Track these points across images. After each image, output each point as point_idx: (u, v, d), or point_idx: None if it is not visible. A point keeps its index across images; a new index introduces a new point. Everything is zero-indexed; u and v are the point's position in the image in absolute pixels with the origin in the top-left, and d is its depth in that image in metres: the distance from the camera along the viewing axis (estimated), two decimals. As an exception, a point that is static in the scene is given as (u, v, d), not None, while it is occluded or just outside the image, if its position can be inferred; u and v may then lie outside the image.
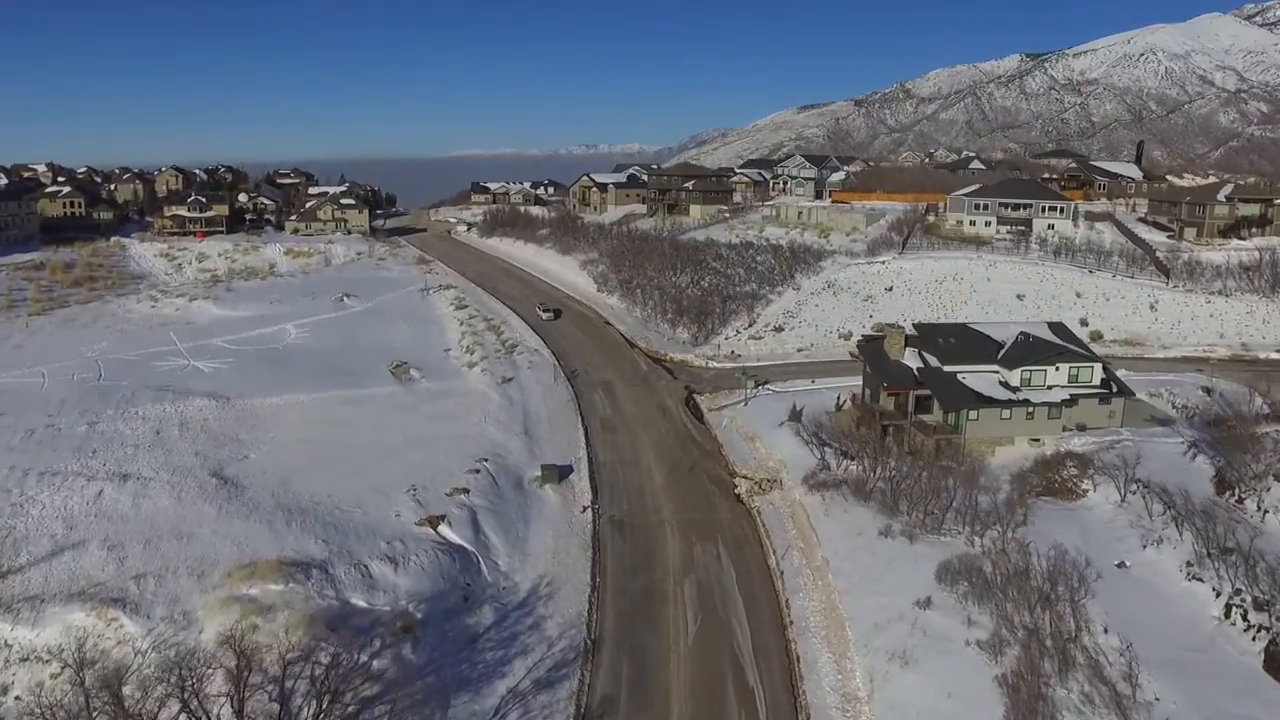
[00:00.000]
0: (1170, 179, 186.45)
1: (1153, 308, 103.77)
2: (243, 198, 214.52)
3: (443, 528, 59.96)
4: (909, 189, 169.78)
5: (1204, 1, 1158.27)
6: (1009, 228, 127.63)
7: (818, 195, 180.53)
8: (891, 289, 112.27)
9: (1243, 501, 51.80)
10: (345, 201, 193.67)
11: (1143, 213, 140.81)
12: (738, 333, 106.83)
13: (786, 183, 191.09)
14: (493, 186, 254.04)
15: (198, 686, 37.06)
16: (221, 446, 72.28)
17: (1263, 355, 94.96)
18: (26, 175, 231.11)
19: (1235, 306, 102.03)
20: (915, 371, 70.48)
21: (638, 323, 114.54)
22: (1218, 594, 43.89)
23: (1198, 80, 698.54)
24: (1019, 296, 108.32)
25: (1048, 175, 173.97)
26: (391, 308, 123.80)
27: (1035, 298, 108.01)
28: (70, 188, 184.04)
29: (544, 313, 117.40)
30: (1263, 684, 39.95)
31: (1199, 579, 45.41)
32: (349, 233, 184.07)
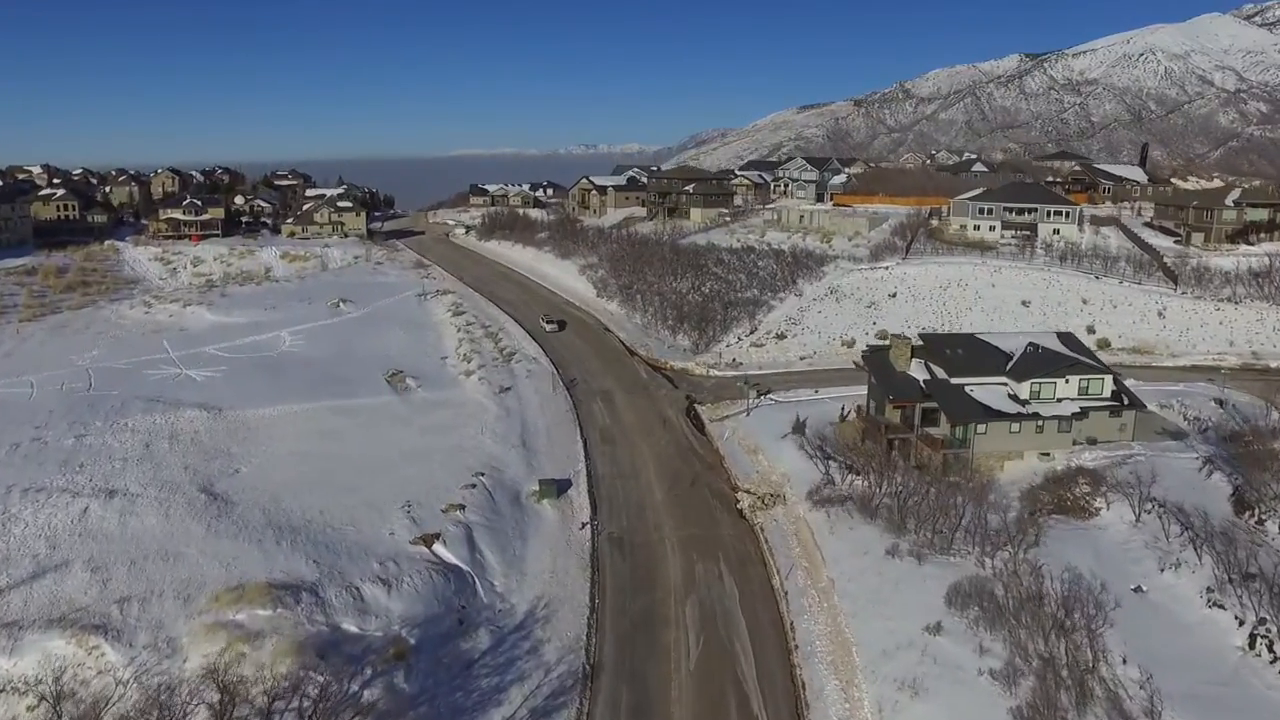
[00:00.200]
0: (1175, 181, 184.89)
1: (1161, 315, 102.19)
2: (239, 200, 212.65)
3: (437, 546, 58.39)
4: (911, 192, 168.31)
5: (1203, 1, 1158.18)
6: (1014, 232, 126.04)
7: (819, 198, 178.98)
8: (895, 295, 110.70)
9: (1263, 523, 50.24)
10: (342, 204, 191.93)
11: (1148, 217, 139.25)
12: (739, 340, 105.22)
13: (787, 185, 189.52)
14: (491, 188, 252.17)
15: (178, 725, 35.50)
16: (212, 460, 70.67)
17: (1274, 364, 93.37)
18: (21, 177, 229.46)
19: (1245, 314, 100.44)
20: (922, 384, 68.92)
21: (638, 329, 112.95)
22: (1241, 623, 42.27)
23: (1197, 80, 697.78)
24: (1024, 303, 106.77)
25: (1051, 178, 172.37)
26: (388, 314, 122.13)
27: (1041, 304, 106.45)
28: (64, 190, 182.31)
29: (548, 324, 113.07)
30: (1290, 719, 38.38)
31: (1220, 606, 43.81)
32: (346, 236, 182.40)
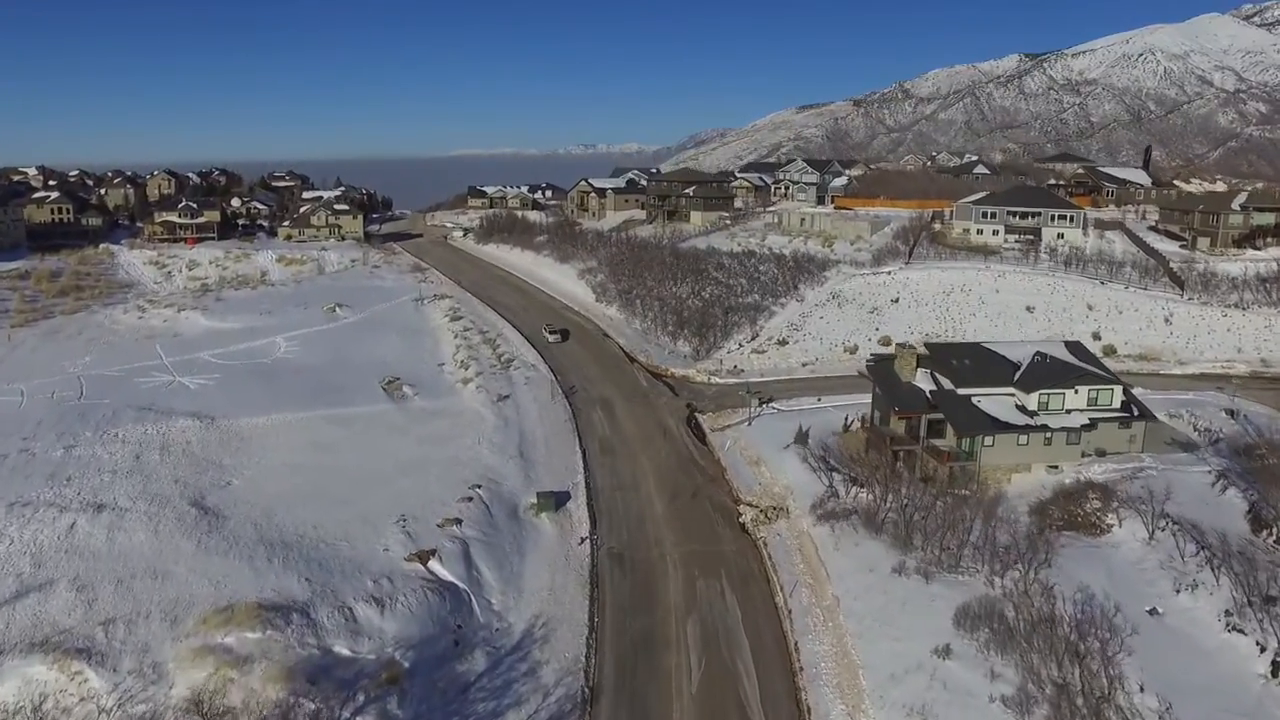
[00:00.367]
0: (1178, 184, 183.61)
1: (1167, 321, 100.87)
2: (236, 202, 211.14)
3: (433, 563, 56.98)
4: (913, 194, 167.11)
5: (1202, 2, 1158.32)
6: (1017, 237, 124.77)
7: (820, 201, 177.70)
8: (898, 300, 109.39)
9: (1281, 542, 48.95)
10: (339, 207, 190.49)
11: (1153, 221, 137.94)
12: (740, 346, 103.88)
13: (788, 188, 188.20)
14: (490, 190, 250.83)
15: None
16: (203, 472, 69.29)
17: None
18: (16, 179, 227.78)
19: (1253, 320, 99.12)
20: (928, 394, 67.53)
21: (637, 335, 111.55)
22: (1262, 649, 40.95)
23: (1196, 80, 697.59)
24: (1029, 309, 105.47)
25: (1054, 181, 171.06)
26: (384, 319, 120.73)
27: (1046, 310, 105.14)
28: (59, 193, 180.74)
29: (550, 334, 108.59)
30: (1315, 750, 37.12)
31: (1240, 630, 42.48)
32: (343, 239, 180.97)
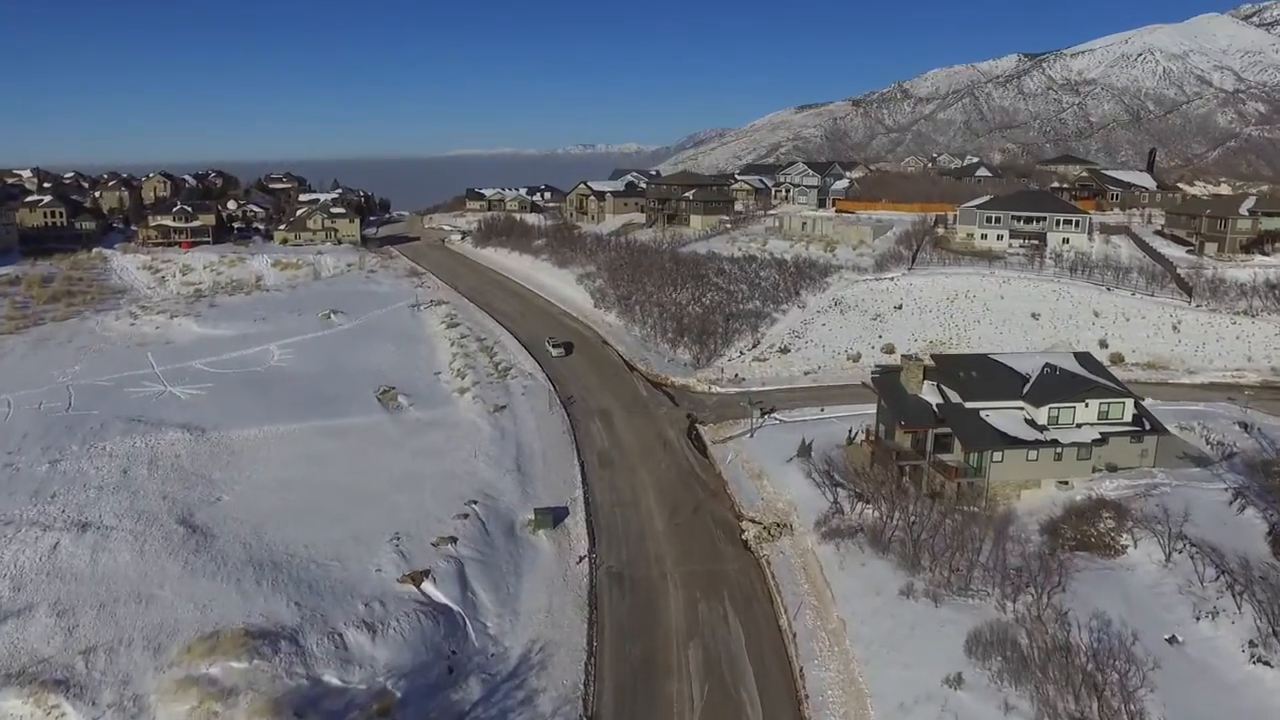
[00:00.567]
0: (1181, 186, 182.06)
1: (1175, 328, 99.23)
2: (231, 205, 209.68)
3: (427, 585, 55.32)
4: (915, 197, 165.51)
5: (1201, 1, 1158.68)
6: (1022, 241, 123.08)
7: (821, 204, 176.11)
8: (901, 307, 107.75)
9: (1305, 567, 47.28)
10: (336, 210, 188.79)
11: (1159, 225, 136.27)
12: (741, 354, 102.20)
13: (789, 191, 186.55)
14: (488, 193, 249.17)
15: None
16: (192, 488, 67.62)
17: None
18: (11, 181, 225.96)
19: (1263, 328, 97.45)
20: (935, 408, 65.84)
21: (637, 342, 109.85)
22: (1288, 682, 39.36)
23: (1195, 80, 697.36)
24: (1034, 315, 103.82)
25: (1057, 184, 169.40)
26: (380, 326, 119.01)
27: (1051, 317, 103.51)
28: (51, 197, 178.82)
29: (554, 348, 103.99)
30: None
31: (1265, 662, 40.88)
32: (339, 242, 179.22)
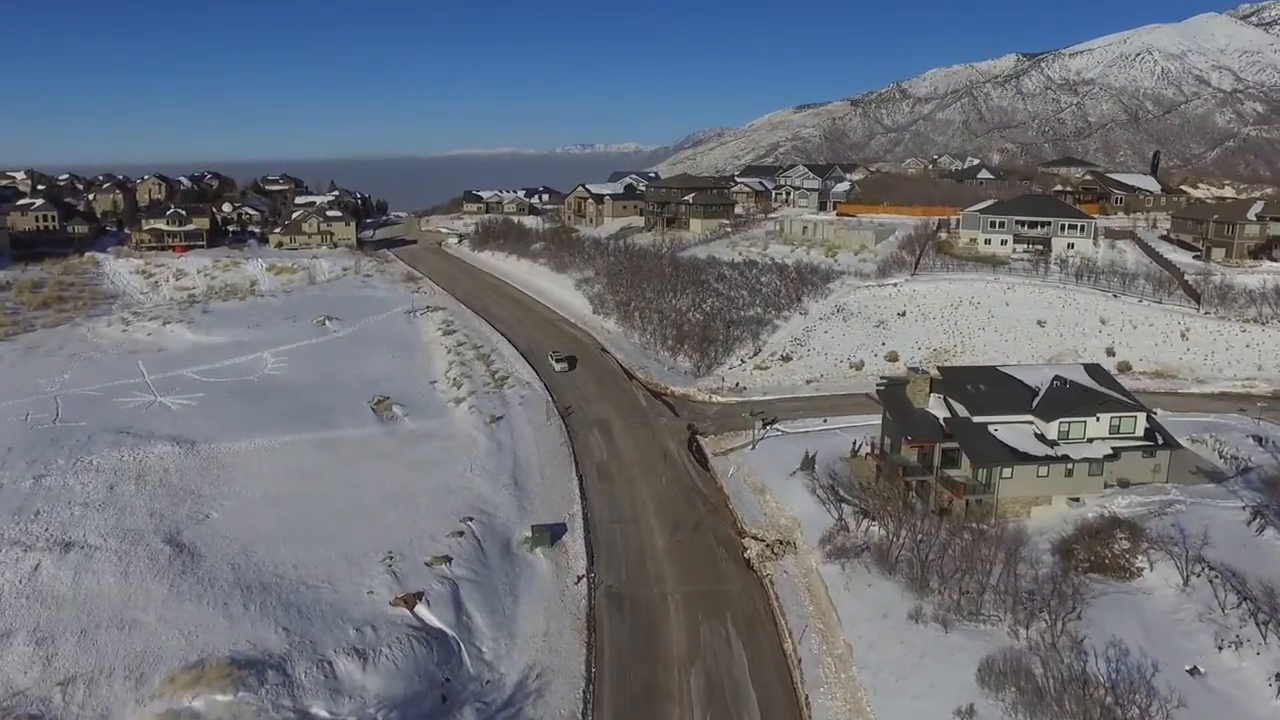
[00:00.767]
0: (1185, 190, 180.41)
1: (1184, 336, 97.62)
2: (227, 207, 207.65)
3: (420, 608, 53.65)
4: (916, 200, 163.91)
5: (1200, 1, 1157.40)
6: (1026, 247, 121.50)
7: (822, 207, 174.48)
8: (904, 314, 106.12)
9: (1329, 593, 45.61)
10: (332, 214, 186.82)
11: (1164, 229, 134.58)
12: (742, 362, 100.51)
13: (789, 194, 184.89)
14: (485, 195, 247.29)
15: None
16: (180, 504, 65.93)
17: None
18: (3, 184, 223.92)
19: (1274, 336, 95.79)
20: (942, 422, 64.19)
21: (636, 349, 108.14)
22: (1318, 720, 37.74)
23: (1194, 80, 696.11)
24: (1040, 323, 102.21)
25: (1060, 187, 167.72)
26: (376, 333, 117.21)
27: (1057, 324, 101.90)
28: (43, 200, 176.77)
29: (557, 363, 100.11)
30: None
31: (1292, 697, 39.26)
32: (335, 246, 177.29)
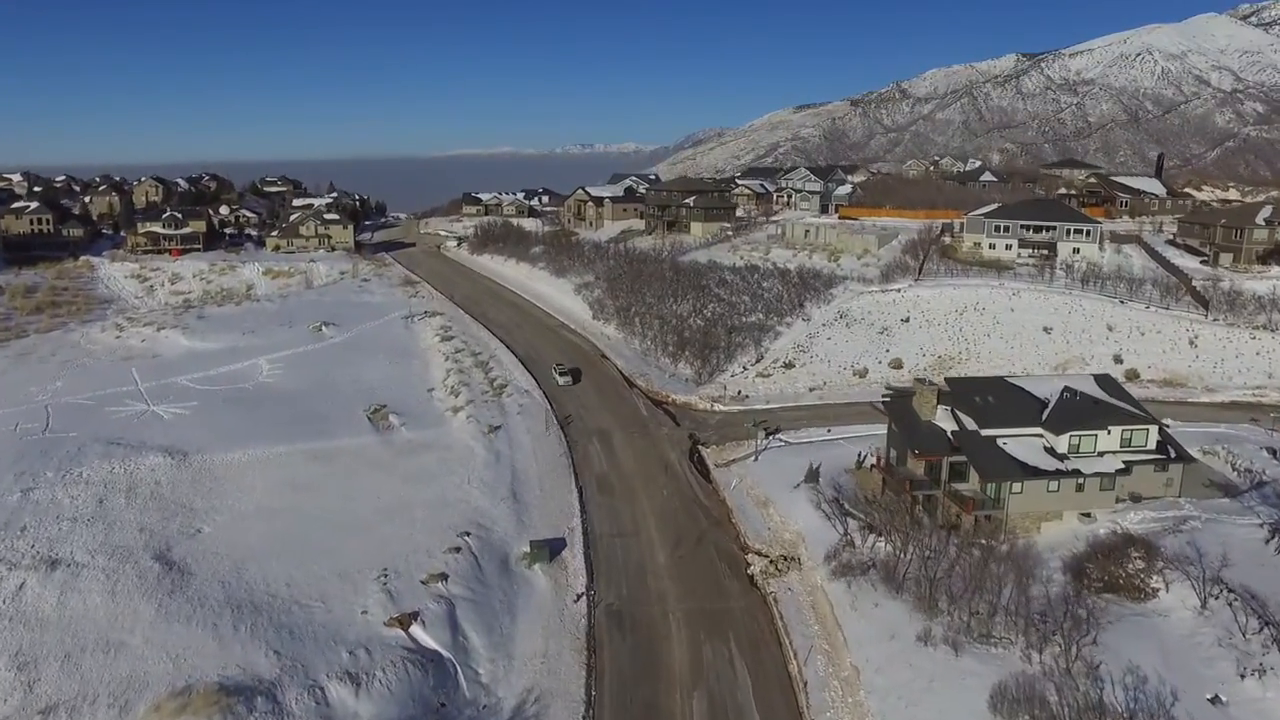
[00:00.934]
0: (1190, 192, 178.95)
1: (1192, 343, 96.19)
2: (225, 210, 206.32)
3: (415, 628, 52.21)
4: (919, 203, 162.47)
5: (1200, 1, 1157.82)
6: (1031, 251, 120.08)
7: (823, 210, 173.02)
8: (908, 320, 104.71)
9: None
10: (329, 217, 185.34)
11: (1170, 234, 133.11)
12: (744, 369, 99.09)
13: (791, 196, 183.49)
14: (484, 197, 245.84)
15: None
16: (171, 518, 64.50)
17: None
18: (0, 185, 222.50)
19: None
20: (949, 435, 62.81)
21: (636, 356, 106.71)
22: (1346, 754, 36.33)
23: (1194, 80, 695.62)
24: (1046, 329, 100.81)
25: (1064, 190, 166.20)
26: (373, 339, 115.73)
27: (1063, 331, 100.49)
28: (38, 203, 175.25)
29: (560, 376, 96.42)
30: None
31: (1319, 730, 37.86)
32: (333, 249, 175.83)
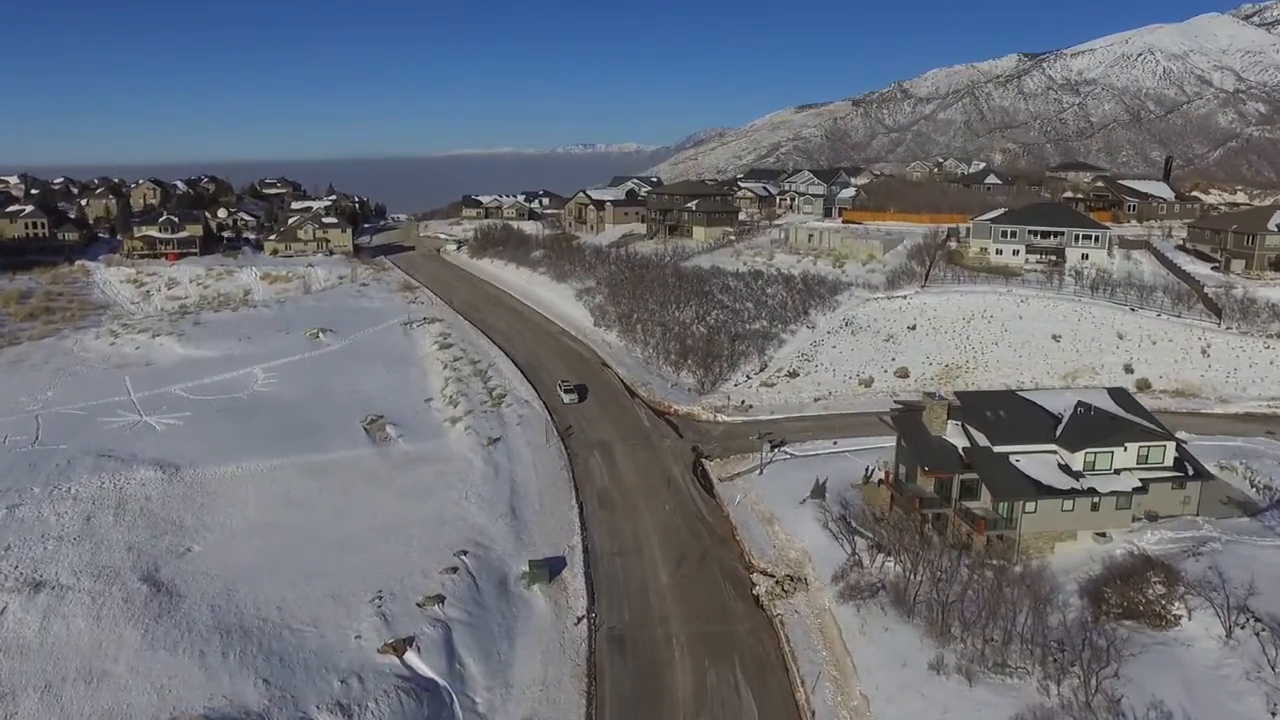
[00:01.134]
0: (1198, 196, 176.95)
1: (1205, 353, 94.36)
2: (222, 213, 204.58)
3: (410, 655, 50.52)
4: (923, 207, 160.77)
5: (1202, 1, 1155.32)
6: (1039, 257, 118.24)
7: (827, 213, 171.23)
8: (915, 327, 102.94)
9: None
10: (328, 220, 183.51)
11: (1180, 239, 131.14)
12: (748, 378, 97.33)
13: (794, 199, 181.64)
14: (484, 200, 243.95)
15: None
16: (161, 536, 62.85)
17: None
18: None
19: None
20: (960, 451, 61.03)
21: (638, 364, 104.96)
22: (1386, 800, 34.55)
23: (1196, 80, 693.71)
24: (1055, 338, 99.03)
25: (1071, 194, 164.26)
26: (370, 346, 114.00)
27: (1073, 339, 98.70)
28: (33, 206, 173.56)
29: (566, 394, 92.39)
30: None
31: (1356, 773, 36.09)
32: (331, 253, 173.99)
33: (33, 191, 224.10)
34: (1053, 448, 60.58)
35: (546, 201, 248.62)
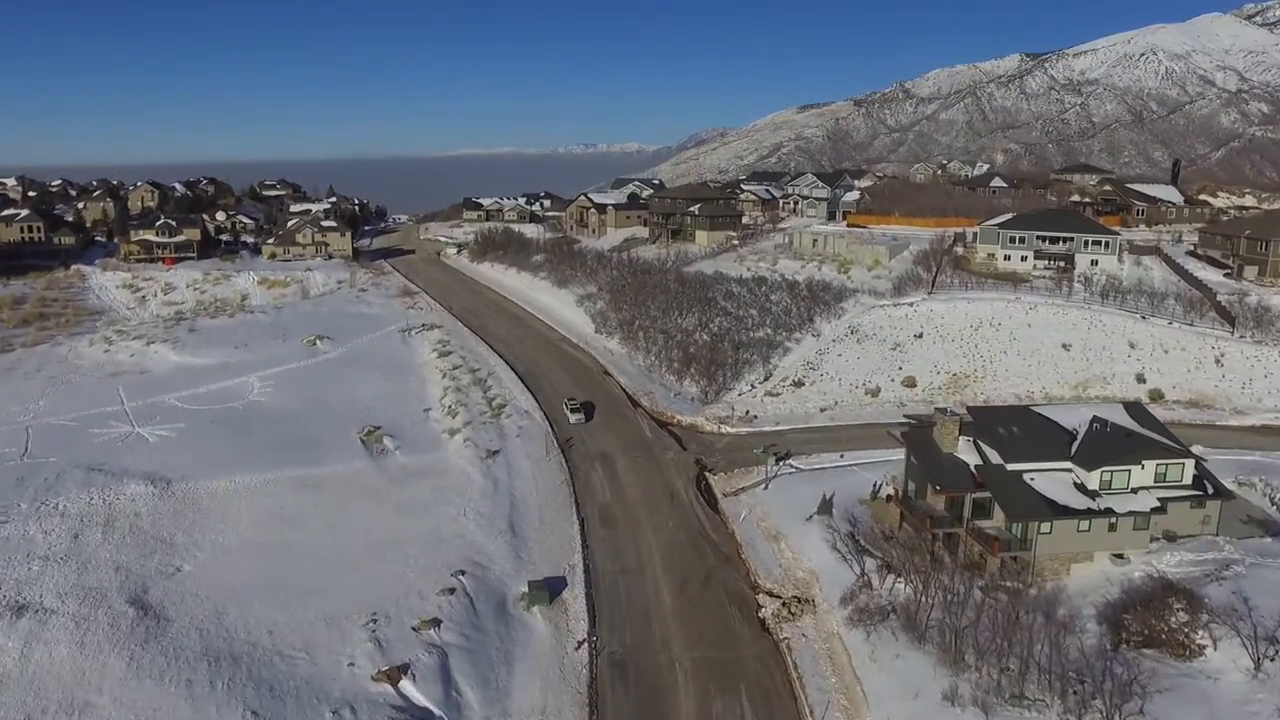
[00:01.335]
0: (1207, 199, 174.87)
1: (1218, 362, 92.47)
2: (221, 216, 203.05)
3: (405, 683, 48.86)
4: (928, 210, 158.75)
5: (1204, 1, 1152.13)
6: (1048, 263, 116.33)
7: (831, 217, 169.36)
8: (922, 335, 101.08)
9: None
10: (327, 224, 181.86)
11: (1190, 244, 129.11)
12: (752, 388, 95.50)
13: (797, 203, 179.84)
14: (485, 202, 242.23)
15: None
16: (150, 555, 61.25)
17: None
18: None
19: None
20: (973, 469, 59.22)
21: (640, 373, 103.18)
22: None
23: (1198, 80, 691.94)
24: (1065, 346, 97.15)
25: (1078, 198, 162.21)
26: (368, 354, 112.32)
27: (1083, 348, 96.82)
28: (29, 210, 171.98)
29: (572, 414, 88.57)
30: None
31: (1397, 821, 34.26)
32: (330, 257, 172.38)
33: (30, 194, 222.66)
34: (1068, 465, 58.75)
35: (548, 204, 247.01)
